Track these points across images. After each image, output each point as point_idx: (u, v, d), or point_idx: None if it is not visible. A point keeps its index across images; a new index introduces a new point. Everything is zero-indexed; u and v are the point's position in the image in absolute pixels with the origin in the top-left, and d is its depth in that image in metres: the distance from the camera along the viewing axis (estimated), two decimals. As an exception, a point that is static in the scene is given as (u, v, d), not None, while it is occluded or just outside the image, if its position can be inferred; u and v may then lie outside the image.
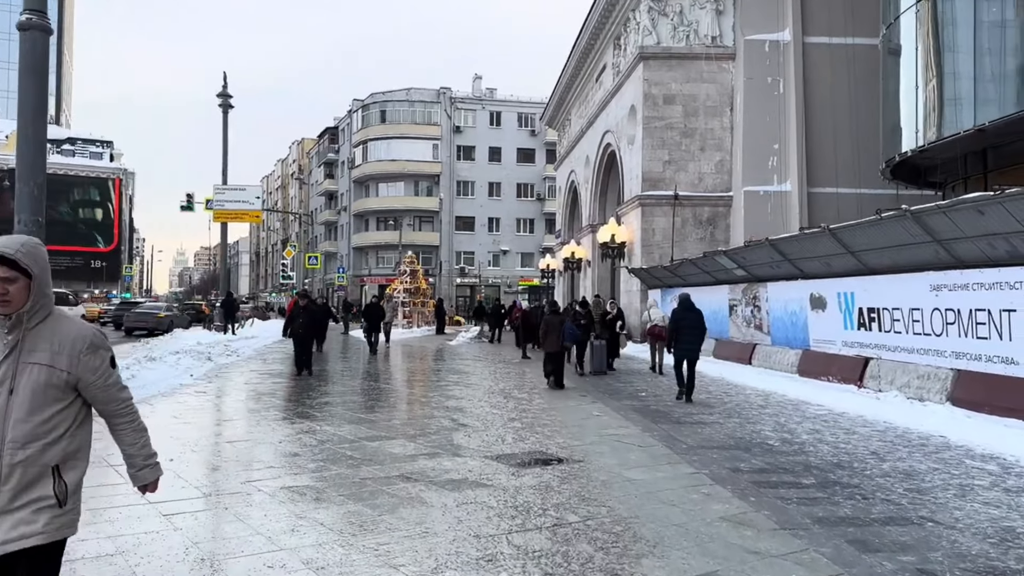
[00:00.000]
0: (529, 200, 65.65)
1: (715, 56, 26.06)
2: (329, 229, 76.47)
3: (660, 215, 26.16)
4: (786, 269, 15.48)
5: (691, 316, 11.79)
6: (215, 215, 29.26)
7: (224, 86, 29.34)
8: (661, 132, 26.13)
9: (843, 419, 9.95)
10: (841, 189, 24.17)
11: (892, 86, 18.54)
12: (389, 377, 15.06)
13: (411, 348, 24.82)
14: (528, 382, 14.16)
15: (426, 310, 37.50)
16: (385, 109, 65.15)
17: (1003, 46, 14.63)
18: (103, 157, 78.83)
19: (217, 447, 7.55)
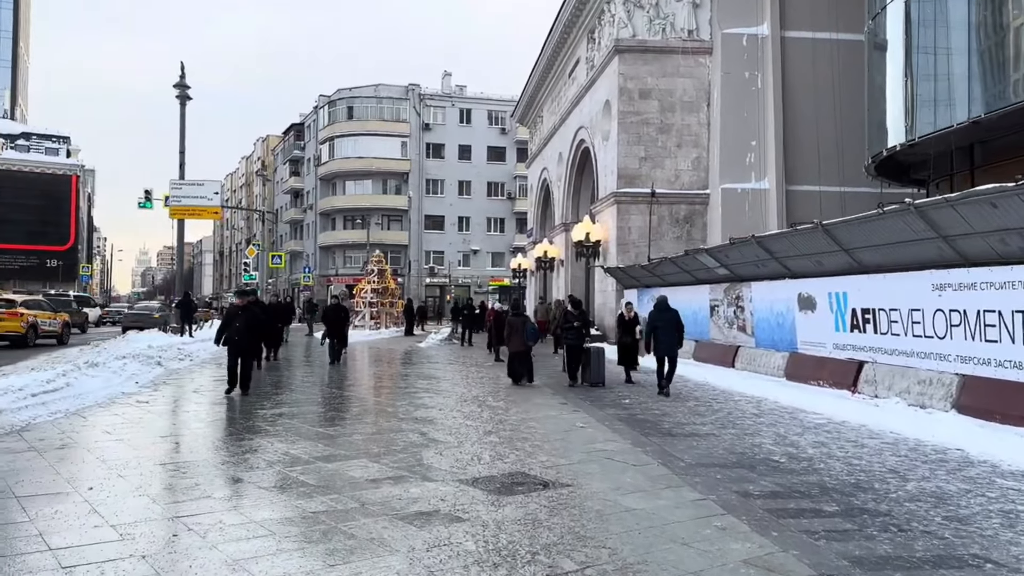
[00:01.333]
0: (500, 199, 64.77)
1: (692, 50, 25.42)
2: (295, 228, 74.79)
3: (636, 213, 25.43)
4: (772, 268, 14.78)
5: (666, 316, 12.62)
6: (171, 211, 27.84)
7: (181, 76, 27.98)
8: (637, 128, 25.40)
9: (846, 429, 9.20)
10: (821, 187, 23.60)
11: (878, 81, 17.99)
12: (353, 384, 14.03)
13: (378, 351, 23.76)
14: (503, 388, 13.25)
15: (394, 310, 36.40)
16: (352, 105, 63.78)
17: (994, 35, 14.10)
18: (59, 153, 76.16)
19: (148, 472, 6.52)
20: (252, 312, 11.70)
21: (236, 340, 11.40)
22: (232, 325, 11.55)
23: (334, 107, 64.45)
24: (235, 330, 11.45)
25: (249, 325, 11.49)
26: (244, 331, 11.43)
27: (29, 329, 21.90)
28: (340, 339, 17.84)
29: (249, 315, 11.57)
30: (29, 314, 22.48)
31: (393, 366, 18.61)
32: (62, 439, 7.85)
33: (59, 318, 24.99)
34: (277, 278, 72.52)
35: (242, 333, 11.42)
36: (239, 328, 11.43)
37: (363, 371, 17.21)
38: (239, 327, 11.43)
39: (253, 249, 41.43)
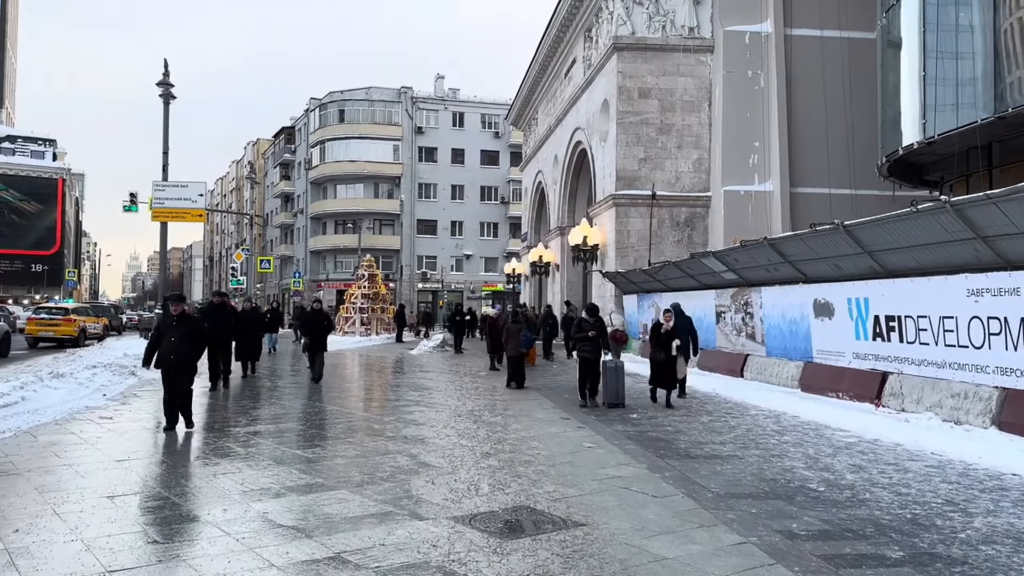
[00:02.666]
0: (493, 203, 63.91)
1: (693, 48, 24.64)
2: (285, 232, 73.70)
3: (635, 216, 24.60)
4: (785, 272, 13.92)
5: (679, 322, 13.07)
6: (153, 214, 26.75)
7: (165, 74, 26.97)
8: (636, 128, 24.59)
9: (881, 449, 8.33)
10: (827, 189, 22.83)
11: (891, 79, 17.21)
12: (338, 396, 13.09)
13: (368, 358, 22.82)
14: (499, 400, 12.34)
15: (385, 316, 35.44)
16: (344, 108, 62.85)
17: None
18: (45, 156, 74.86)
19: (91, 508, 5.58)
20: (191, 323, 9.10)
21: (171, 359, 8.80)
22: (164, 340, 8.88)
23: (325, 110, 63.50)
24: (169, 347, 8.80)
25: (186, 339, 8.84)
26: (179, 347, 8.78)
27: (80, 332, 26.33)
28: (319, 350, 14.72)
29: (186, 327, 8.94)
30: (80, 320, 27.31)
31: (383, 376, 17.67)
32: (0, 464, 6.90)
33: (100, 322, 30.69)
34: (266, 283, 71.41)
35: (178, 350, 8.78)
36: (173, 344, 8.79)
37: (351, 382, 16.28)
38: (173, 342, 8.79)
39: (241, 253, 40.40)
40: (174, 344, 8.80)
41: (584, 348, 11.73)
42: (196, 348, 9.10)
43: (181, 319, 8.97)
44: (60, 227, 76.85)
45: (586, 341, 11.68)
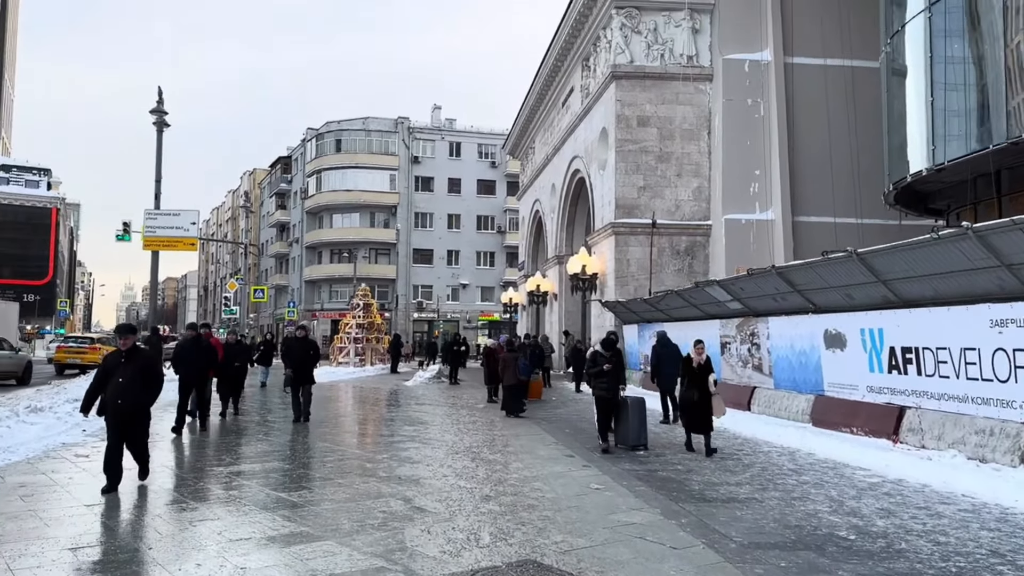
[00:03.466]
0: (489, 232, 63.67)
1: (692, 76, 24.47)
2: (280, 262, 73.27)
3: (635, 244, 24.23)
4: (794, 302, 13.49)
5: (668, 351, 13.71)
6: (144, 243, 26.27)
7: (159, 101, 26.69)
8: (635, 156, 24.32)
9: (908, 490, 7.81)
10: (829, 218, 22.54)
11: (897, 107, 16.96)
12: (329, 431, 12.51)
13: (362, 390, 22.22)
14: (500, 435, 11.79)
15: (380, 346, 34.83)
16: (341, 138, 62.85)
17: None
18: (40, 186, 74.64)
19: (50, 563, 5.03)
20: (143, 359, 7.36)
21: (118, 404, 7.12)
22: (112, 381, 7.18)
23: (322, 140, 63.51)
24: (116, 389, 7.12)
25: (137, 379, 7.17)
26: (128, 389, 7.13)
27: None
28: (305, 384, 13.05)
29: (138, 364, 7.24)
30: (104, 348, 28.57)
31: (377, 409, 17.08)
32: (-42, 511, 6.34)
33: None
34: (260, 313, 70.76)
35: (126, 392, 7.12)
36: (121, 385, 7.11)
37: (343, 415, 15.69)
38: (121, 383, 7.11)
39: (234, 283, 39.92)
40: (122, 385, 7.11)
41: (600, 384, 10.43)
42: (150, 390, 7.34)
43: (132, 355, 7.30)
44: (53, 257, 76.32)
45: (602, 377, 10.37)
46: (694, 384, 10.28)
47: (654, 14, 24.67)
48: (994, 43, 13.30)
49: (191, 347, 11.98)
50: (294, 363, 13.10)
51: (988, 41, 13.55)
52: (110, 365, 7.36)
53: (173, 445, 10.54)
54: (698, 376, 10.30)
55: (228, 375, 13.95)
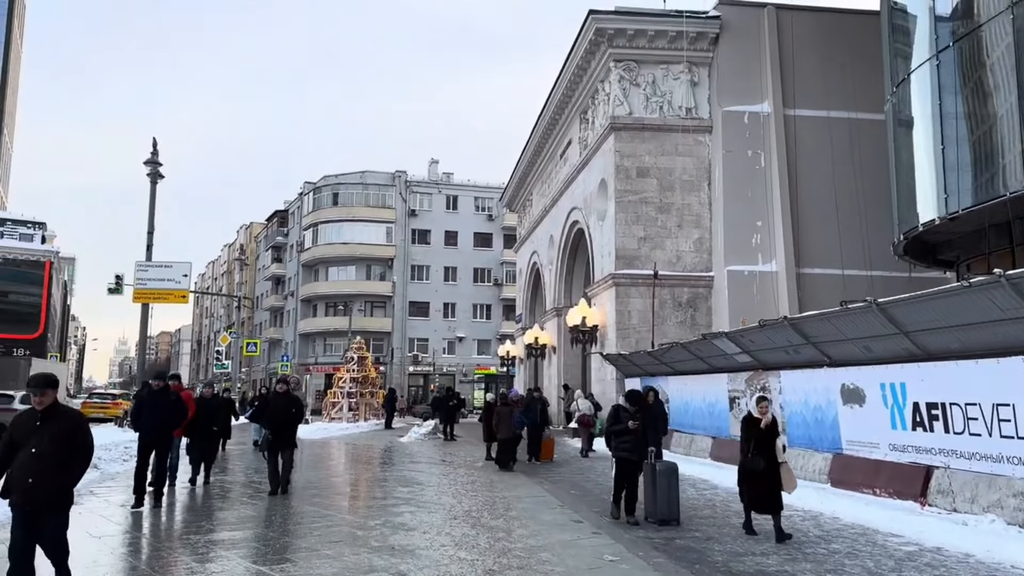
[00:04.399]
0: (486, 285, 63.27)
1: (691, 128, 24.36)
2: (275, 315, 72.57)
3: (636, 296, 23.74)
4: (808, 354, 12.92)
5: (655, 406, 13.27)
6: (135, 295, 25.73)
7: (153, 153, 26.48)
8: (635, 207, 24.03)
9: (951, 561, 7.13)
10: (833, 270, 22.14)
11: (904, 158, 16.70)
12: (318, 493, 11.74)
13: (355, 447, 21.39)
14: (501, 498, 11.05)
15: (375, 401, 34.00)
16: (338, 192, 62.92)
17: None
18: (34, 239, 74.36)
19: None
20: (65, 423, 5.21)
21: (27, 484, 5.02)
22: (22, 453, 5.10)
23: (319, 193, 63.56)
24: (26, 464, 5.05)
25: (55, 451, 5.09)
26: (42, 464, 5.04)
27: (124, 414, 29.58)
28: (286, 447, 11.12)
29: (57, 430, 5.12)
30: (124, 404, 32.54)
31: (370, 468, 16.28)
32: None
33: None
34: (252, 367, 69.74)
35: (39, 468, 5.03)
36: (33, 458, 5.05)
37: (334, 475, 14.89)
38: (33, 455, 5.05)
39: (226, 336, 39.26)
40: (34, 458, 5.04)
41: (623, 445, 9.02)
42: (73, 466, 5.21)
43: (48, 417, 5.15)
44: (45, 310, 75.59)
45: (625, 436, 8.99)
46: (760, 449, 8.29)
47: (652, 67, 24.69)
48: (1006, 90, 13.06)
49: (155, 400, 10.06)
50: (274, 423, 11.15)
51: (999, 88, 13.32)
52: (19, 433, 5.17)
53: (130, 519, 9.00)
54: (764, 440, 8.35)
55: (200, 436, 11.99)
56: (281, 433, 11.04)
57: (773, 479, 8.24)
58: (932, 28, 15.02)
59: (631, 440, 9.03)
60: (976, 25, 13.60)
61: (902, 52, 17.05)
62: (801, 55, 23.74)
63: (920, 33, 15.94)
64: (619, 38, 24.27)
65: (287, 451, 11.17)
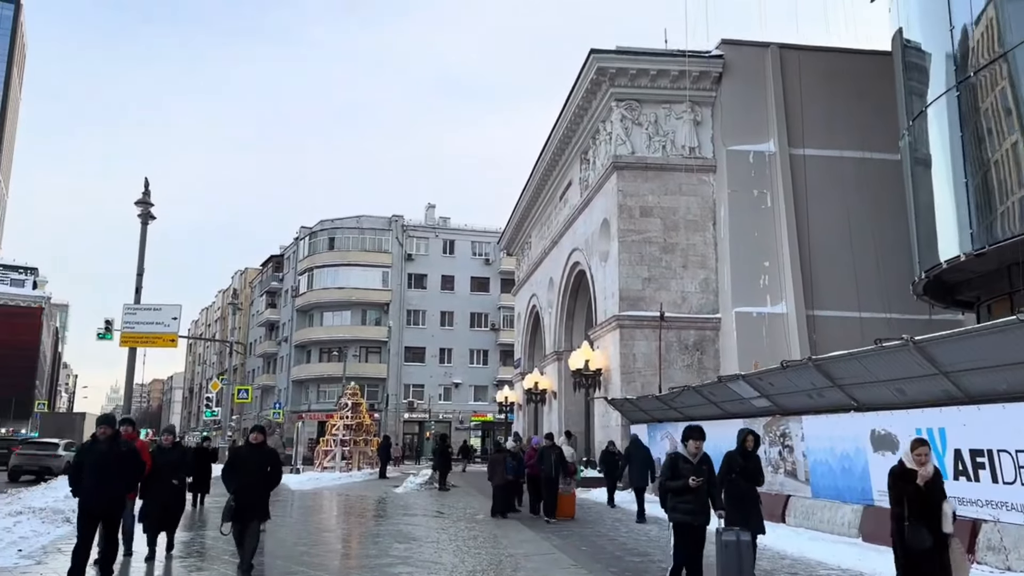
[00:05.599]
0: (483, 330, 62.45)
1: (695, 167, 23.91)
2: (268, 361, 71.40)
3: (641, 338, 22.98)
4: (832, 398, 12.12)
5: (640, 453, 15.26)
6: (122, 339, 24.76)
7: (145, 193, 25.84)
8: (639, 247, 23.43)
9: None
10: (846, 312, 21.49)
11: (923, 197, 16.17)
12: (306, 550, 10.76)
13: (348, 498, 20.30)
14: (507, 556, 10.09)
15: (369, 449, 32.81)
16: (334, 236, 62.49)
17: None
18: (25, 285, 73.60)
19: None
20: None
21: None
22: None
23: (315, 238, 63.10)
24: None
25: None
26: None
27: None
28: (251, 518, 8.28)
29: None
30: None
31: (363, 522, 15.25)
32: None
33: None
34: (243, 415, 68.28)
35: None
36: None
37: (324, 531, 13.87)
38: None
39: (217, 383, 38.25)
40: None
41: (683, 505, 6.92)
42: None
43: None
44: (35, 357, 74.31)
45: (685, 494, 6.87)
46: (922, 517, 5.76)
47: (655, 106, 24.37)
48: None
49: (101, 453, 7.49)
50: (241, 485, 8.18)
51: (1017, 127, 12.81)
52: None
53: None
54: (927, 502, 5.82)
55: (159, 495, 9.33)
56: (250, 498, 8.16)
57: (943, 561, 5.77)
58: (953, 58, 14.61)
59: (693, 501, 6.88)
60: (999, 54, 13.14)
61: (916, 90, 16.64)
62: (807, 95, 23.44)
63: (936, 68, 15.55)
64: (621, 77, 23.99)
65: (254, 525, 8.28)
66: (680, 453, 7.25)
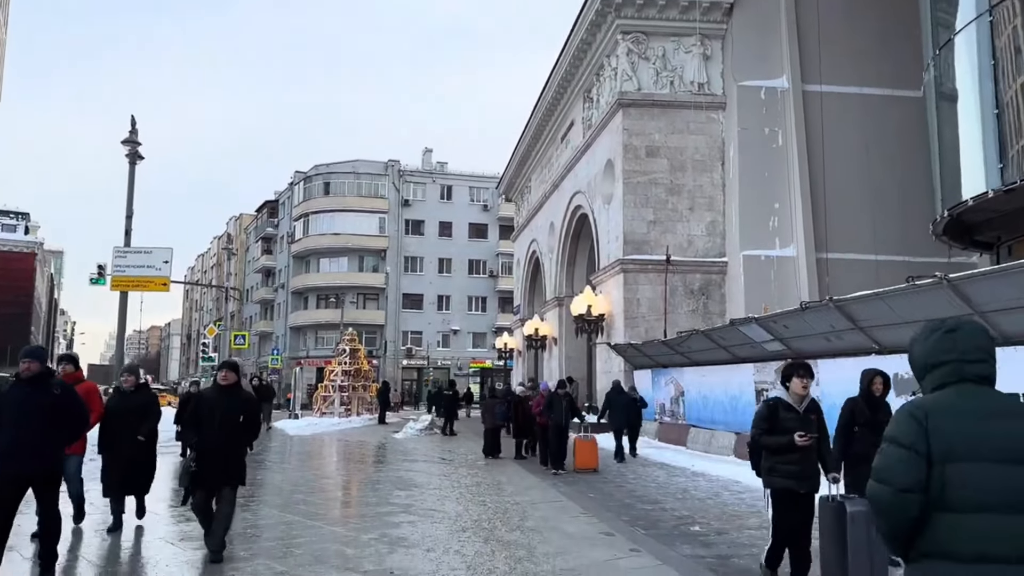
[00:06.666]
0: (481, 277, 61.86)
1: (703, 104, 22.95)
2: (265, 308, 70.94)
3: (645, 283, 22.37)
4: (852, 341, 11.58)
5: (621, 398, 15.67)
6: (112, 283, 24.24)
7: (132, 132, 24.87)
8: (645, 188, 22.64)
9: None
10: (856, 254, 20.85)
11: (948, 132, 15.36)
12: (304, 497, 10.32)
13: (347, 444, 19.98)
14: (512, 504, 9.65)
15: (368, 395, 32.55)
16: (329, 181, 61.31)
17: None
18: (17, 230, 72.56)
19: None
20: None
21: None
22: None
23: (310, 183, 61.95)
24: None
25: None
26: None
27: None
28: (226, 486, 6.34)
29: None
30: None
31: (363, 468, 14.86)
32: None
33: None
34: (242, 360, 68.10)
35: None
36: None
37: (322, 477, 13.46)
38: None
39: (213, 328, 37.71)
40: None
41: (785, 466, 5.28)
42: None
43: None
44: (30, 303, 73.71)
45: (788, 454, 5.24)
46: None
47: (662, 40, 23.27)
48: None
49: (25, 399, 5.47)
50: (206, 440, 6.23)
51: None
52: None
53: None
54: None
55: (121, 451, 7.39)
56: (218, 458, 6.19)
57: None
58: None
59: (800, 461, 5.24)
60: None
61: (943, 20, 15.66)
62: (823, 27, 22.24)
63: (965, 0, 14.58)
64: (627, 7, 22.83)
65: (228, 491, 6.32)
66: (780, 398, 5.41)
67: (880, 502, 2.20)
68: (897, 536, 2.22)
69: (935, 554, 2.14)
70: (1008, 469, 2.11)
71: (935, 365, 2.33)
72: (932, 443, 2.15)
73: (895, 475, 2.17)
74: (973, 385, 2.28)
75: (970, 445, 2.14)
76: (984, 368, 2.32)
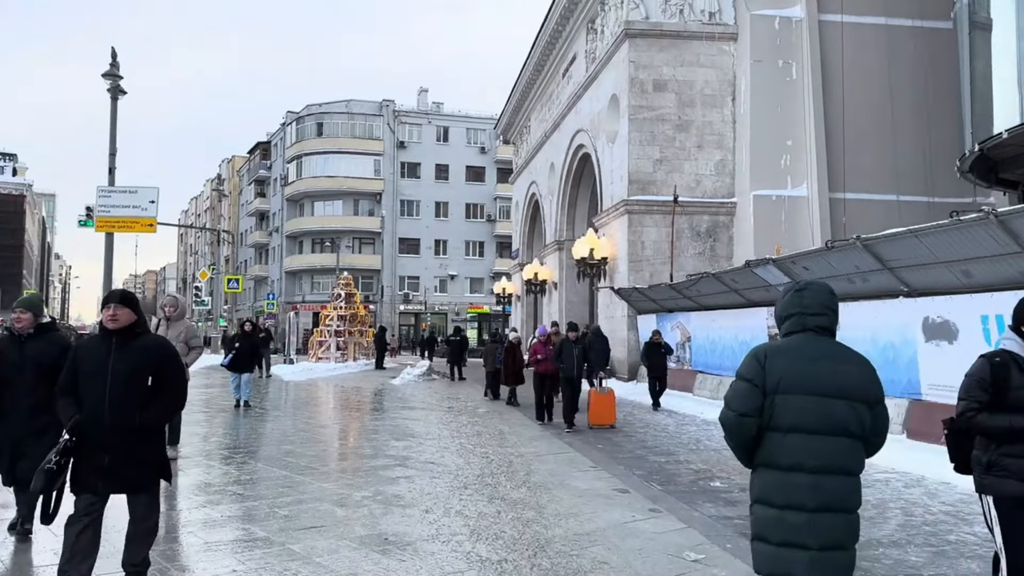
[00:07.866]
0: (479, 221, 60.83)
1: (714, 35, 21.74)
2: (259, 252, 70.02)
3: (650, 225, 21.52)
4: (878, 282, 10.84)
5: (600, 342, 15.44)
6: (97, 223, 23.16)
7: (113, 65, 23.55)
8: (651, 125, 21.59)
9: None
10: (871, 194, 19.99)
11: (979, 67, 14.37)
12: (294, 449, 9.69)
13: (343, 390, 19.41)
14: (516, 456, 9.03)
15: (364, 340, 31.98)
16: (322, 122, 59.68)
17: None
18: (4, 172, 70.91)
19: None
20: None
21: None
22: None
23: (302, 123, 60.30)
24: None
25: None
26: None
27: None
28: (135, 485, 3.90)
29: None
30: None
31: (359, 416, 14.26)
32: None
33: None
34: (234, 305, 67.52)
35: None
36: None
37: (316, 426, 12.86)
38: None
39: (205, 272, 36.98)
40: None
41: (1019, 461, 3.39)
42: None
43: None
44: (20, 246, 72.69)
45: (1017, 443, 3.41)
46: None
47: (671, -35, 21.90)
48: None
49: None
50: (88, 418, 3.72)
51: None
52: None
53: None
54: None
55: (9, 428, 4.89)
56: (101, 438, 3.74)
57: None
58: None
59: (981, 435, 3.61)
60: None
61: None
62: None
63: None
64: (635, -70, 21.41)
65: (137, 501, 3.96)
66: (1011, 352, 3.53)
67: (727, 424, 2.79)
68: (741, 450, 2.82)
69: (765, 464, 2.75)
70: (822, 401, 2.68)
71: (786, 317, 2.89)
72: (767, 378, 2.72)
73: (737, 403, 2.75)
74: (813, 335, 2.82)
75: (796, 380, 2.70)
76: (823, 320, 2.84)
